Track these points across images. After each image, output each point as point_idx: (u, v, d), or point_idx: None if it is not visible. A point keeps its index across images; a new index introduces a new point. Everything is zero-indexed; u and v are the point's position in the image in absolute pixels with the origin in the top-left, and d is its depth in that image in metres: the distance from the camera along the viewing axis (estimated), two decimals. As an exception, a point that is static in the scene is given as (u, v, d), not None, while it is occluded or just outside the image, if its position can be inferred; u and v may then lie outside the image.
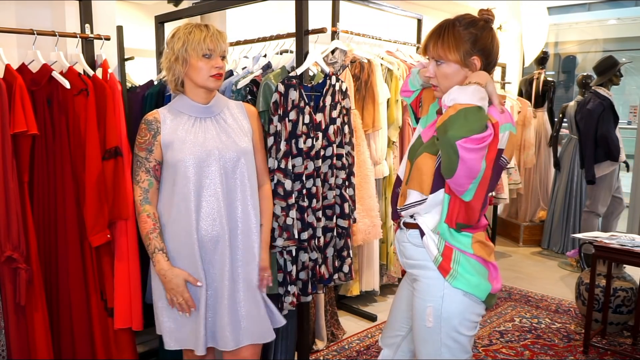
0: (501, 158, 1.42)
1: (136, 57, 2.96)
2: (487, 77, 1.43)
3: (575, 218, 4.69)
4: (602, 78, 4.21)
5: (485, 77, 1.43)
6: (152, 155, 1.72)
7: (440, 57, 1.48)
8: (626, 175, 4.56)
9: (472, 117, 1.31)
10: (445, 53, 1.46)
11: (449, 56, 1.46)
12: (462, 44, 1.45)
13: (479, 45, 1.46)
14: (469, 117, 1.31)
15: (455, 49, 1.45)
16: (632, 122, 6.69)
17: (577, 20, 7.81)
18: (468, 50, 1.46)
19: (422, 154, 1.52)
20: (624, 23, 7.92)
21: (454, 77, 1.48)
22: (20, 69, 2.04)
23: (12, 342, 1.97)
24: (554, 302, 3.65)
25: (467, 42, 1.45)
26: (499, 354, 2.85)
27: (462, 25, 1.47)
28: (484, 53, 1.47)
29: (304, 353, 2.47)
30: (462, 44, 1.45)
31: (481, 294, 1.47)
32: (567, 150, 4.70)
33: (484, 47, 1.47)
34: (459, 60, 1.46)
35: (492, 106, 1.41)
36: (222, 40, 1.70)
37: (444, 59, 1.47)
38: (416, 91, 1.74)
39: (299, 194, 2.12)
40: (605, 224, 4.45)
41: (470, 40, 1.46)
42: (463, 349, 1.49)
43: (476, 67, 1.47)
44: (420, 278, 1.53)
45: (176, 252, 1.71)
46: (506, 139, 1.42)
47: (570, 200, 4.71)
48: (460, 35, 1.46)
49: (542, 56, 5.20)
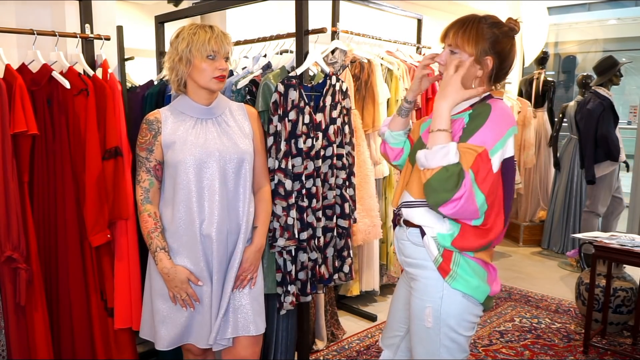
0: (512, 162, 1.44)
1: (136, 57, 2.96)
2: (448, 105, 1.40)
3: (575, 218, 4.69)
4: (602, 78, 4.21)
5: (443, 111, 1.40)
6: (153, 155, 1.72)
7: (457, 47, 1.48)
8: (626, 175, 4.56)
9: (442, 184, 1.33)
10: (463, 44, 1.46)
11: (466, 48, 1.46)
12: (482, 41, 1.45)
13: (497, 48, 1.46)
14: (440, 186, 1.33)
15: (474, 43, 1.45)
16: (632, 122, 6.69)
17: (577, 20, 7.81)
18: (486, 48, 1.45)
19: None
20: (624, 23, 7.92)
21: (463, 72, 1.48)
22: (20, 69, 2.04)
23: (12, 342, 1.97)
24: (554, 302, 3.65)
25: (487, 41, 1.45)
26: (499, 354, 2.85)
27: (487, 23, 1.46)
28: (499, 56, 1.48)
29: (304, 353, 2.47)
30: (482, 41, 1.45)
31: (480, 296, 1.47)
32: (567, 150, 4.70)
33: (502, 51, 1.47)
34: (474, 55, 1.46)
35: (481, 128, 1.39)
36: (227, 42, 1.70)
37: (460, 49, 1.47)
38: (404, 142, 1.72)
39: (298, 194, 2.12)
40: (605, 224, 4.45)
41: (490, 39, 1.45)
42: (461, 348, 1.50)
43: (488, 68, 1.47)
44: (418, 278, 1.52)
45: (178, 251, 1.71)
46: (512, 145, 1.43)
47: (570, 200, 4.71)
48: (483, 31, 1.45)
49: (542, 56, 5.20)
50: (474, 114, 1.45)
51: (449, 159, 1.33)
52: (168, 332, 1.74)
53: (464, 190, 1.32)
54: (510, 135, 1.42)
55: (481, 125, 1.40)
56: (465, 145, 1.38)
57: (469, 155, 1.36)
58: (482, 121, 1.41)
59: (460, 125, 1.45)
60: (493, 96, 1.51)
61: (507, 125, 1.42)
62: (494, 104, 1.45)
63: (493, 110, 1.42)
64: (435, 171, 1.34)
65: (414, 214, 1.52)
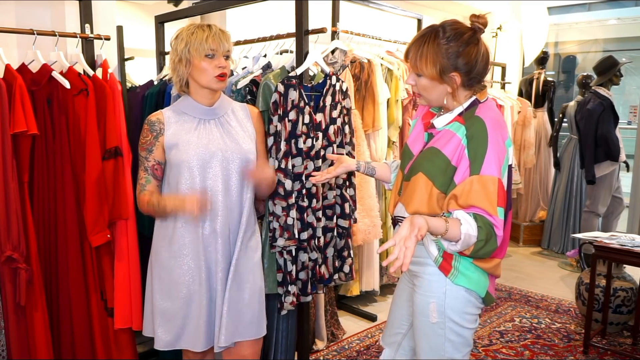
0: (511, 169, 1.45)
1: (136, 57, 2.96)
2: (426, 226, 1.27)
3: (575, 218, 4.69)
4: (602, 78, 4.21)
5: (428, 226, 1.28)
6: (152, 155, 1.72)
7: (417, 70, 1.43)
8: (626, 175, 4.56)
9: (486, 249, 1.36)
10: (422, 66, 1.41)
11: (424, 70, 1.41)
12: (440, 59, 1.38)
13: (460, 62, 1.39)
14: (486, 250, 1.36)
15: (432, 64, 1.39)
16: (632, 122, 6.69)
17: (577, 20, 7.81)
18: (446, 66, 1.38)
19: (417, 172, 1.48)
20: (624, 23, 7.91)
21: (433, 91, 1.45)
22: (20, 69, 2.03)
23: (12, 342, 1.97)
24: (554, 302, 3.65)
25: (445, 58, 1.38)
26: (499, 354, 2.85)
27: (444, 38, 1.39)
28: (465, 69, 1.40)
29: (304, 353, 2.47)
30: (440, 59, 1.38)
31: (481, 290, 1.48)
32: (567, 150, 4.70)
33: (466, 63, 1.39)
34: (434, 76, 1.40)
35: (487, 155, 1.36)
36: (225, 40, 1.69)
37: (420, 73, 1.43)
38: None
39: (298, 194, 2.12)
40: (605, 224, 4.45)
41: (450, 55, 1.38)
42: (466, 342, 1.50)
43: (456, 83, 1.42)
44: (420, 274, 1.52)
45: (180, 251, 1.71)
46: (512, 153, 1.43)
47: (570, 200, 4.71)
48: (440, 49, 1.38)
49: (542, 56, 5.20)
50: (470, 134, 1.40)
51: (472, 238, 1.33)
52: (165, 333, 1.74)
53: (500, 229, 1.36)
54: (509, 146, 1.42)
55: (484, 149, 1.37)
56: (482, 179, 1.36)
57: (492, 196, 1.35)
58: (484, 145, 1.37)
59: (455, 144, 1.41)
60: (480, 100, 1.46)
61: (504, 137, 1.41)
62: (484, 116, 1.41)
63: (488, 127, 1.38)
64: (472, 248, 1.35)
65: None
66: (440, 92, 1.44)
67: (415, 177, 1.48)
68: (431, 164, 1.45)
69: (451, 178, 1.41)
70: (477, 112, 1.43)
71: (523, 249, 5.04)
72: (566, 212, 4.75)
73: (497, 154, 1.38)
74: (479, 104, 1.46)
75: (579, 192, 4.66)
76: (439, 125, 1.48)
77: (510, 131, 4.37)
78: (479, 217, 1.34)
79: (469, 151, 1.39)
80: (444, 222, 1.31)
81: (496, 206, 1.35)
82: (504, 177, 1.39)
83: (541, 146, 5.15)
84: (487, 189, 1.35)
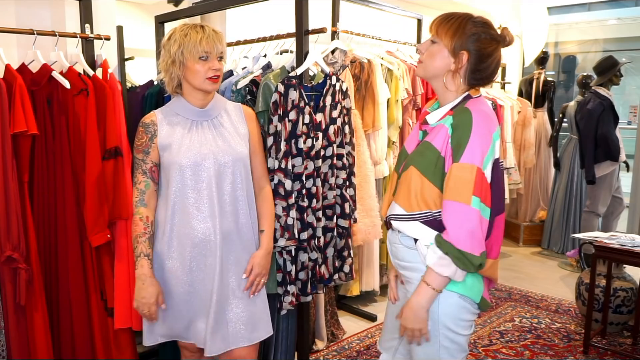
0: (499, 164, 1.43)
1: (136, 57, 2.96)
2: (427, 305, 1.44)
3: (575, 218, 4.69)
4: (602, 78, 4.21)
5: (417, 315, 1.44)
6: (149, 157, 1.71)
7: (436, 34, 1.46)
8: (626, 175, 4.56)
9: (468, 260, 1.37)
10: (442, 33, 1.45)
11: (442, 37, 1.45)
12: (461, 34, 1.42)
13: (476, 45, 1.42)
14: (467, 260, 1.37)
15: (452, 34, 1.43)
16: (632, 122, 6.69)
17: (577, 20, 7.81)
18: (464, 42, 1.42)
19: (409, 167, 1.48)
20: (624, 23, 7.92)
21: (437, 61, 1.46)
22: (20, 69, 2.04)
23: (12, 342, 1.97)
24: (554, 302, 3.65)
25: (466, 35, 1.42)
26: (499, 354, 2.85)
27: (474, 21, 1.44)
28: (477, 54, 1.43)
29: (304, 353, 2.47)
30: (462, 35, 1.42)
31: (475, 296, 1.46)
32: (567, 150, 4.70)
33: (480, 50, 1.43)
34: (449, 46, 1.44)
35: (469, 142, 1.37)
36: (219, 41, 1.67)
37: (439, 39, 1.46)
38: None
39: (298, 194, 2.12)
40: (605, 224, 4.45)
41: (471, 35, 1.42)
42: (461, 348, 1.49)
43: (461, 62, 1.44)
44: (413, 280, 1.50)
45: (168, 254, 1.70)
46: (498, 148, 1.43)
47: (570, 200, 4.71)
48: (466, 26, 1.43)
49: (542, 56, 5.20)
50: (455, 123, 1.41)
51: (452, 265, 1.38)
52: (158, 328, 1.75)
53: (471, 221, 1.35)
54: (496, 139, 1.41)
55: (467, 137, 1.37)
56: (460, 166, 1.36)
57: (467, 184, 1.35)
58: (467, 133, 1.37)
59: (443, 135, 1.42)
60: (472, 96, 1.47)
61: (491, 130, 1.40)
62: (473, 108, 1.41)
63: (474, 117, 1.39)
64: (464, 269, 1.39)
65: (406, 227, 1.49)
66: (443, 65, 1.46)
67: (407, 171, 1.49)
68: (422, 158, 1.46)
69: (442, 169, 1.42)
70: (466, 104, 1.45)
71: (523, 249, 5.04)
72: (566, 212, 4.75)
73: (481, 144, 1.37)
74: (471, 98, 1.47)
75: (579, 192, 4.67)
76: (432, 120, 1.49)
77: (510, 131, 4.37)
78: (438, 241, 1.39)
79: (452, 140, 1.40)
80: (425, 284, 1.41)
81: (470, 195, 1.34)
82: (486, 168, 1.38)
83: (541, 146, 5.15)
84: (463, 177, 1.35)
